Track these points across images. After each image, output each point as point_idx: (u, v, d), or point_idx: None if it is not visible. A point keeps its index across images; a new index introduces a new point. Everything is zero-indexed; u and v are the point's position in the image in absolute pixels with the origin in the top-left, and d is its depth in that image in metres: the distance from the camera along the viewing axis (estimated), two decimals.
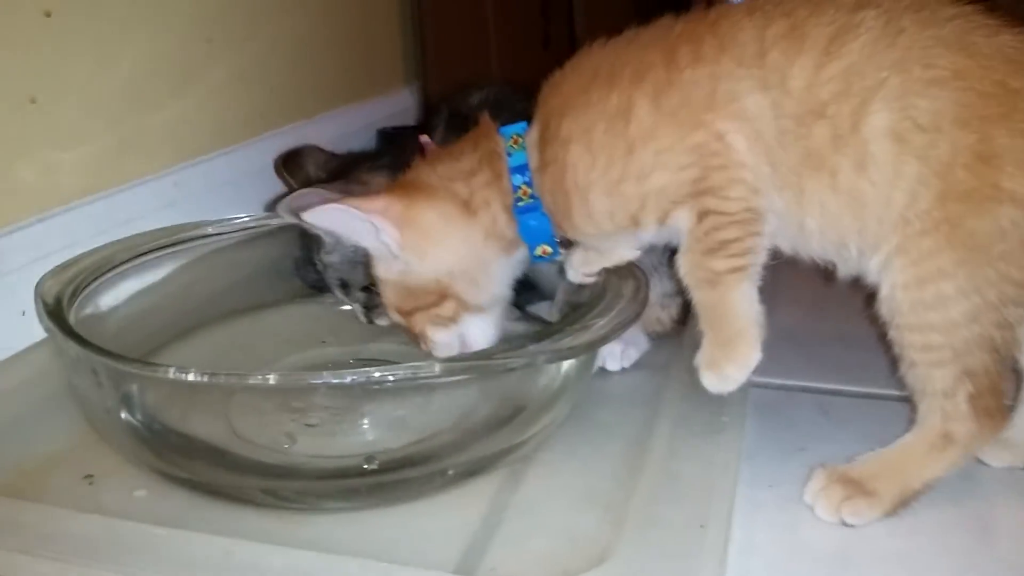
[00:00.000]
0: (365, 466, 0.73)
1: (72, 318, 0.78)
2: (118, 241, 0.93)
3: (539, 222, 0.80)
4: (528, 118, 0.82)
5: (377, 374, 0.64)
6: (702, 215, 0.73)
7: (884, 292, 0.74)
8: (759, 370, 0.75)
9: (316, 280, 1.05)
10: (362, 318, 1.02)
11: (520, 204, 0.80)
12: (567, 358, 0.77)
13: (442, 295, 0.80)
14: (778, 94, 0.71)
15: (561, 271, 0.91)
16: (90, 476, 0.78)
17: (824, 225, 0.74)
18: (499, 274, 0.83)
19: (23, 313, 0.93)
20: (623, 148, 0.73)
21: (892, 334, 0.74)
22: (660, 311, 1.06)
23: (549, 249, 0.82)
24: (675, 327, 1.05)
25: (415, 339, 0.84)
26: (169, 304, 0.96)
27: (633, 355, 1.00)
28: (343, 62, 1.61)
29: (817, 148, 0.71)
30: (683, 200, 0.74)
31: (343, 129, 1.47)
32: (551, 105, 0.78)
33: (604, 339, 0.73)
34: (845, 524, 0.74)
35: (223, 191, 1.20)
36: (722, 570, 0.66)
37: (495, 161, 0.81)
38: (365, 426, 0.81)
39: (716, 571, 0.63)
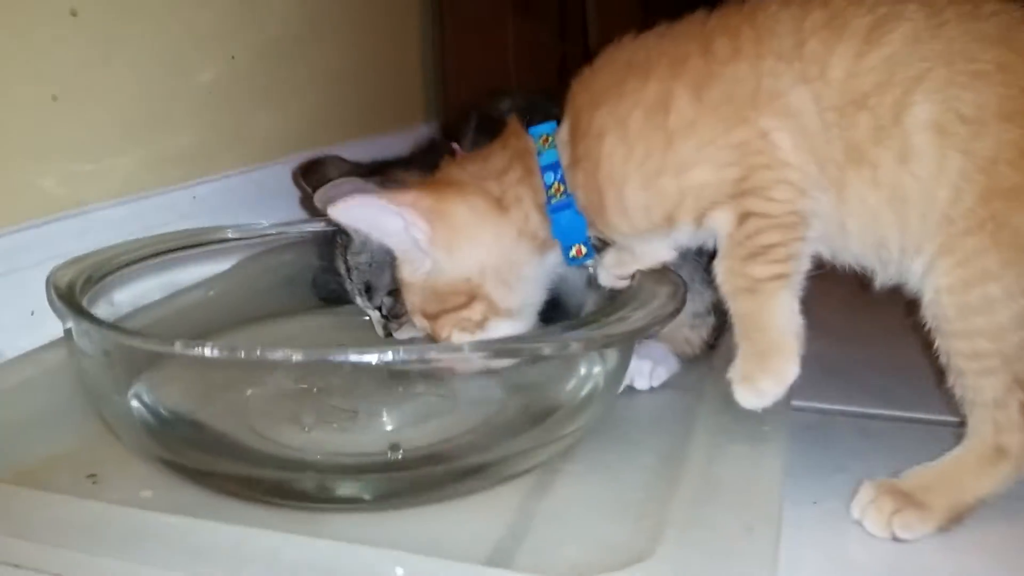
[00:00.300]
0: (389, 455, 0.69)
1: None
2: (136, 240, 0.91)
3: (573, 220, 0.78)
4: (558, 122, 0.80)
5: (402, 355, 0.61)
6: (743, 217, 0.71)
7: (928, 297, 0.71)
8: (796, 394, 0.72)
9: (333, 291, 1.01)
10: (380, 331, 0.98)
11: (553, 202, 0.77)
12: (601, 347, 0.73)
13: (471, 296, 0.77)
14: (819, 86, 0.69)
15: (590, 284, 0.88)
16: (93, 475, 0.74)
17: (865, 223, 0.72)
18: (531, 276, 0.80)
19: (32, 313, 0.90)
20: (662, 139, 0.71)
21: (938, 342, 0.71)
22: (689, 331, 1.02)
23: (583, 249, 0.80)
24: (705, 350, 1.02)
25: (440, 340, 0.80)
26: (184, 309, 0.93)
27: (662, 374, 0.96)
28: (366, 93, 1.60)
29: (858, 141, 0.69)
30: (723, 201, 0.71)
31: (363, 159, 1.46)
32: (582, 100, 0.76)
33: (641, 331, 0.69)
34: (895, 539, 0.70)
35: (241, 208, 1.18)
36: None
37: (526, 159, 0.79)
38: (386, 420, 0.77)
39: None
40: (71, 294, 0.71)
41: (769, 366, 0.70)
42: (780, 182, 0.70)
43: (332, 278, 1.00)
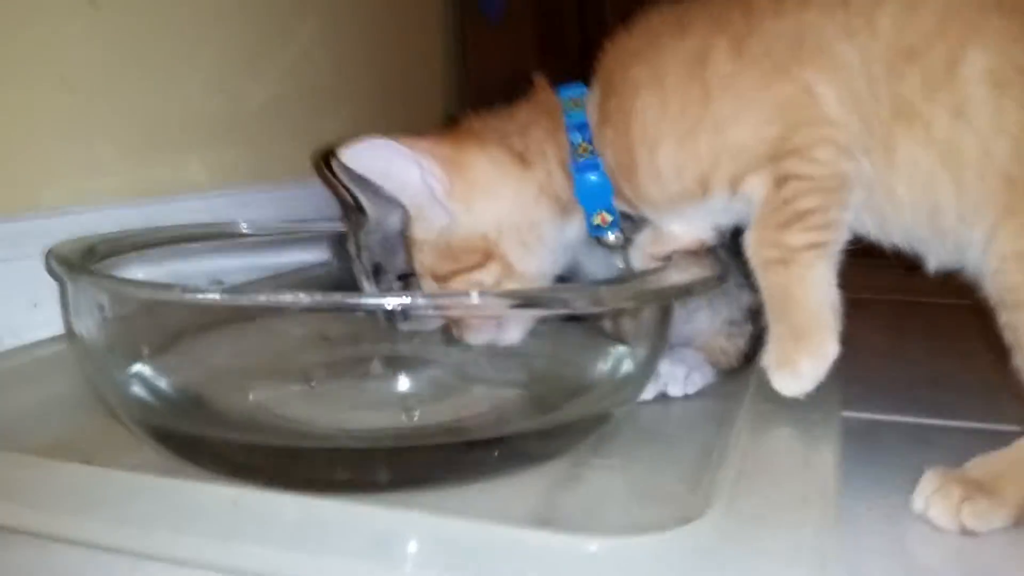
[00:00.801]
0: (404, 417, 0.63)
1: None
2: (144, 228, 0.86)
3: (598, 182, 0.73)
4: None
5: (419, 300, 0.55)
6: (781, 181, 0.66)
7: (992, 266, 0.65)
8: (845, 403, 0.68)
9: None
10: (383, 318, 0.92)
11: (578, 160, 0.73)
12: (637, 302, 0.67)
13: (486, 255, 0.72)
14: (865, 38, 0.65)
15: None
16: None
17: (917, 188, 0.66)
18: (550, 240, 0.75)
19: (35, 305, 0.85)
20: (699, 93, 0.67)
21: (1003, 318, 0.65)
22: (725, 341, 0.96)
23: (608, 217, 0.75)
24: (742, 361, 0.95)
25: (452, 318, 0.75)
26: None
27: (698, 381, 0.89)
28: (385, 112, 1.59)
29: (908, 96, 0.65)
30: (760, 165, 0.67)
31: None
32: (615, 59, 0.73)
33: (680, 290, 0.64)
34: (964, 532, 0.62)
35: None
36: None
37: (553, 115, 0.75)
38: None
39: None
40: (68, 259, 0.66)
41: (807, 345, 0.65)
42: (823, 141, 0.65)
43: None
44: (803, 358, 0.65)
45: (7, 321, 0.84)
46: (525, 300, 0.61)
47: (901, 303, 1.40)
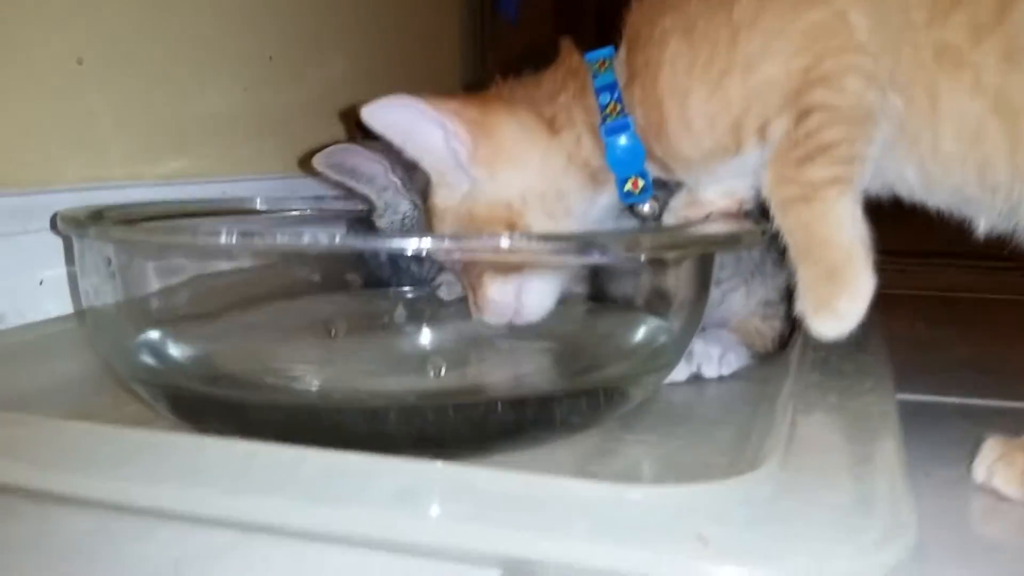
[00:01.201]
0: (431, 372, 0.59)
1: None
2: (156, 202, 0.83)
3: (629, 144, 0.69)
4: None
5: (442, 241, 0.52)
6: (803, 114, 0.62)
7: None
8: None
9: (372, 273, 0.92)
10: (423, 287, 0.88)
11: (608, 121, 0.69)
12: (676, 249, 0.63)
13: (510, 226, 0.68)
14: None
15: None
16: None
17: (965, 141, 0.62)
18: (579, 212, 0.71)
19: (40, 283, 0.82)
20: (727, 35, 0.64)
21: None
22: (760, 323, 0.92)
23: (641, 183, 0.71)
24: (778, 345, 0.91)
25: (471, 289, 0.71)
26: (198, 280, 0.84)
27: (732, 361, 0.85)
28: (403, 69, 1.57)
29: (954, 41, 0.61)
30: (788, 103, 0.63)
31: None
32: (640, 16, 0.69)
33: (722, 241, 0.60)
34: None
35: None
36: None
37: (580, 78, 0.71)
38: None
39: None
40: (76, 219, 0.63)
41: (841, 283, 0.61)
42: (852, 69, 0.61)
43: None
44: (840, 296, 0.60)
45: (10, 295, 0.81)
46: (559, 244, 0.56)
47: (941, 298, 1.36)
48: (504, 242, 0.55)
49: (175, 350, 0.65)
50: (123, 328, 0.66)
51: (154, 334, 0.65)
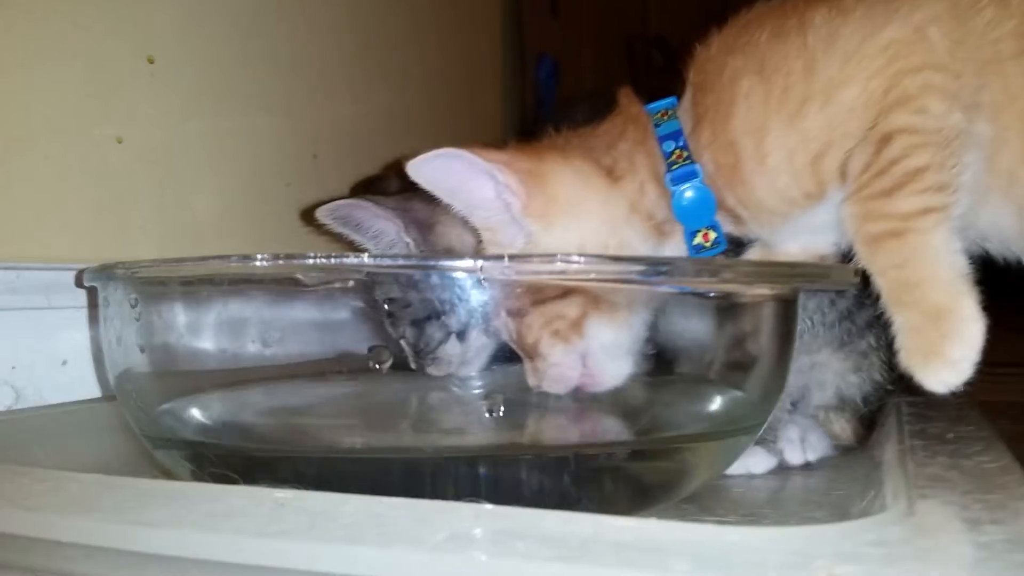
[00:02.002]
0: (486, 414, 0.51)
1: None
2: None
3: (698, 194, 0.64)
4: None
5: (503, 264, 0.46)
6: (884, 140, 0.57)
7: None
8: None
9: None
10: (412, 363, 0.79)
11: (674, 168, 0.64)
12: (765, 280, 0.56)
13: (568, 285, 0.62)
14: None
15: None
16: None
17: None
18: None
19: (64, 363, 0.77)
20: (802, 64, 0.60)
21: None
22: (836, 417, 0.84)
23: (712, 235, 0.65)
24: (862, 437, 0.83)
25: (528, 356, 0.64)
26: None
27: (816, 445, 0.77)
28: (445, 99, 1.56)
29: None
30: (867, 130, 0.58)
31: None
32: (707, 59, 0.66)
33: (809, 276, 0.53)
34: None
35: None
36: None
37: (641, 126, 0.67)
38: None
39: None
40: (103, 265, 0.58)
41: (949, 325, 0.54)
42: (933, 89, 0.57)
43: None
44: (950, 341, 0.53)
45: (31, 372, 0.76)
46: (635, 267, 0.50)
47: None
48: (576, 264, 0.48)
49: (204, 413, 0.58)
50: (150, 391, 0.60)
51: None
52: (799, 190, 0.61)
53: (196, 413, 0.57)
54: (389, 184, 0.90)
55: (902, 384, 0.82)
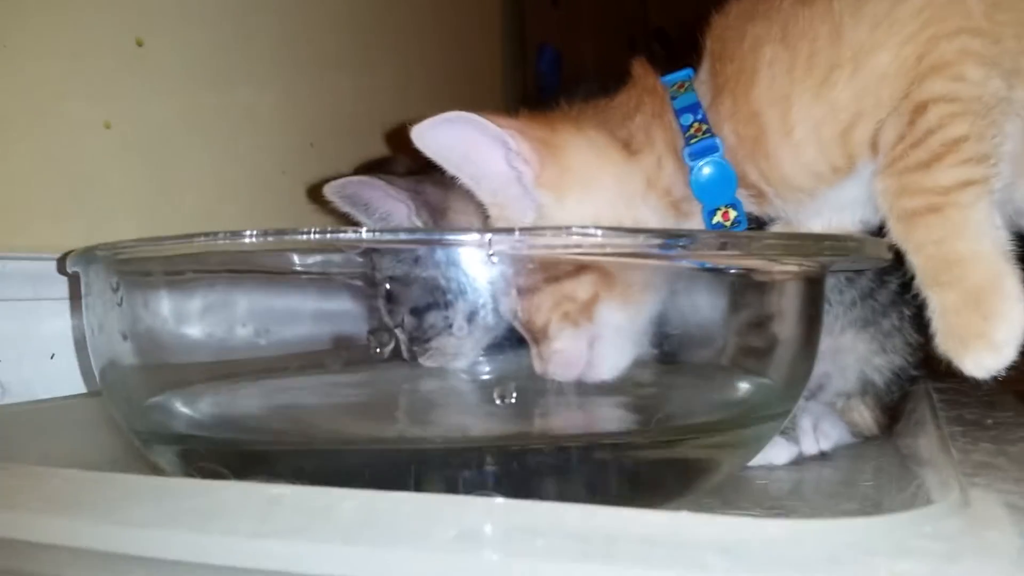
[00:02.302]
0: (498, 400, 0.48)
1: None
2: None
3: (718, 169, 0.60)
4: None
5: (515, 236, 0.42)
6: (919, 110, 0.53)
7: None
8: None
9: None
10: (404, 352, 0.75)
11: (693, 143, 0.60)
12: (790, 253, 0.53)
13: (580, 263, 0.58)
14: None
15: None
16: None
17: None
18: None
19: (52, 356, 0.73)
20: (828, 29, 0.56)
21: None
22: (859, 403, 0.81)
23: (732, 214, 0.62)
24: (883, 426, 0.80)
25: (535, 340, 0.61)
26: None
27: (830, 434, 0.73)
28: (443, 86, 1.51)
29: None
30: (900, 99, 0.55)
31: None
32: (726, 28, 0.62)
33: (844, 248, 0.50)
34: None
35: None
36: None
37: (658, 98, 0.63)
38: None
39: None
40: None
41: (992, 305, 0.50)
42: (971, 54, 0.53)
43: None
44: (994, 322, 0.50)
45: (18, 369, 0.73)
46: (655, 240, 0.46)
47: None
48: (594, 236, 0.44)
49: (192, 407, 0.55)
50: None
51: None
52: (827, 164, 0.58)
53: (185, 406, 0.54)
54: (397, 166, 0.87)
55: (928, 369, 0.80)
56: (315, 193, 0.83)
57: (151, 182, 0.89)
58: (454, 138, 0.58)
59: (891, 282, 0.76)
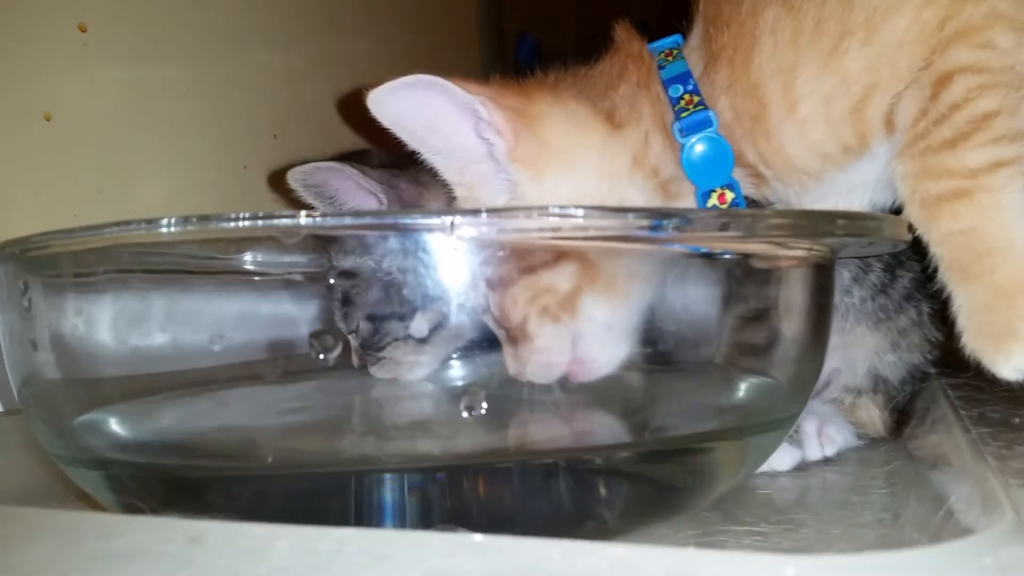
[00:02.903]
0: (465, 413, 0.41)
1: None
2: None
3: (712, 146, 0.54)
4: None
5: (482, 217, 0.36)
6: (942, 82, 0.48)
7: None
8: None
9: None
10: (354, 359, 0.68)
11: (684, 116, 0.54)
12: (795, 234, 0.46)
13: (557, 251, 0.52)
14: None
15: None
16: None
17: None
18: None
19: None
20: None
21: None
22: (867, 402, 0.75)
23: (729, 195, 0.55)
24: (891, 428, 0.74)
25: (510, 340, 0.54)
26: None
27: (835, 438, 0.68)
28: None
29: None
30: (921, 70, 0.49)
31: None
32: None
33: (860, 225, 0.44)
34: None
35: None
36: None
37: (644, 64, 0.57)
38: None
39: None
40: None
41: None
42: (1000, 19, 0.48)
43: None
44: None
45: None
46: (643, 220, 0.39)
47: None
48: (576, 216, 0.38)
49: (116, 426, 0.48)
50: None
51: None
52: (837, 144, 0.52)
53: (108, 425, 0.47)
54: (370, 159, 0.80)
55: (942, 365, 0.74)
56: (278, 181, 0.76)
57: (97, 176, 0.82)
58: (417, 105, 0.51)
59: (903, 276, 0.70)
